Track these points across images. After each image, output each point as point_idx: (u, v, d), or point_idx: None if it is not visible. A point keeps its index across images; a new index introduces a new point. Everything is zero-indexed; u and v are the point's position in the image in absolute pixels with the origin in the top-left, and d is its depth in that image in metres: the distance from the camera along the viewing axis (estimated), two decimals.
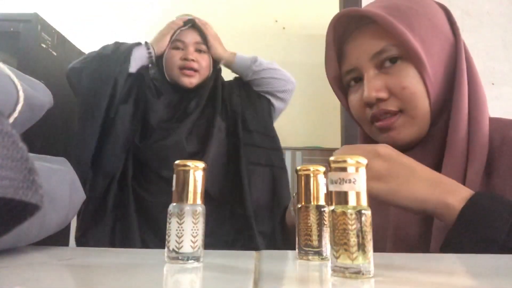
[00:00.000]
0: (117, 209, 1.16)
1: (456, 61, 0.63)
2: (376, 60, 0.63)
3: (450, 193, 0.49)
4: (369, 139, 0.70)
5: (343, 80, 0.70)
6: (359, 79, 0.66)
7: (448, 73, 0.63)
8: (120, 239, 1.13)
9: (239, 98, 1.35)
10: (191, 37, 1.34)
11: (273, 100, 1.39)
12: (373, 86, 0.62)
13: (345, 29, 0.67)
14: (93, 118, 1.21)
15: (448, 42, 0.63)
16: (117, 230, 1.15)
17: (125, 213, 1.15)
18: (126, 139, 1.21)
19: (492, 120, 0.63)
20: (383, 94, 0.61)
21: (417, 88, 0.60)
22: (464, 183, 0.56)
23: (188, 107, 1.28)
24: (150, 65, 1.37)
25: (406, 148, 0.63)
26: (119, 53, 1.26)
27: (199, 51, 1.34)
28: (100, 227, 1.14)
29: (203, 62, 1.33)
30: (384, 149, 0.52)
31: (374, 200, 0.50)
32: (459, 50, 0.63)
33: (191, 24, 1.37)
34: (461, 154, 0.58)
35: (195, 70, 1.30)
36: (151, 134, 1.22)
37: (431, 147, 0.63)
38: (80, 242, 1.16)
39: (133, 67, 1.27)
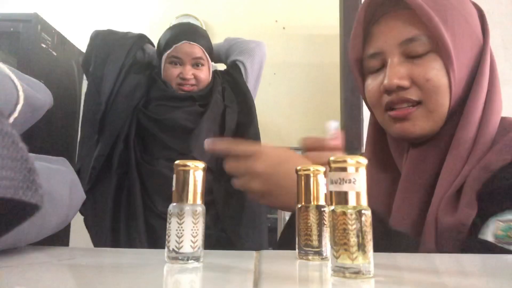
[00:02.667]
0: (121, 167, 1.26)
1: (479, 64, 0.62)
2: (405, 47, 0.61)
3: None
4: (378, 127, 0.69)
5: (365, 63, 0.68)
6: (381, 66, 0.65)
7: (470, 74, 0.62)
8: (125, 195, 1.24)
9: (226, 80, 1.43)
10: (188, 53, 1.32)
11: (241, 59, 1.45)
12: (397, 73, 0.60)
13: (377, 10, 0.65)
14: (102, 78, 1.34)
15: (477, 44, 0.62)
16: (122, 186, 1.25)
17: (128, 171, 1.25)
18: (132, 103, 1.31)
19: (502, 121, 0.62)
20: (405, 82, 0.60)
21: (441, 82, 0.59)
22: (462, 185, 0.56)
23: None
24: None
25: (414, 142, 0.63)
26: (133, 34, 1.44)
27: (197, 65, 1.33)
28: (106, 183, 1.25)
29: (202, 75, 1.34)
30: (263, 167, 0.58)
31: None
32: (485, 54, 0.62)
33: (187, 40, 1.33)
34: (464, 155, 0.58)
35: (194, 87, 1.33)
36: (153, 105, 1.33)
37: (437, 144, 0.62)
38: (87, 197, 1.22)
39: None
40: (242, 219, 1.23)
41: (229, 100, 1.37)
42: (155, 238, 1.18)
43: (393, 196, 0.65)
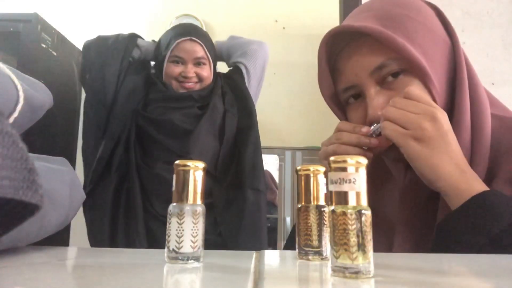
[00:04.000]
0: (120, 169, 1.26)
1: (456, 65, 0.60)
2: (377, 76, 0.60)
3: (466, 183, 0.50)
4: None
5: (341, 97, 0.67)
6: (358, 96, 0.64)
7: (450, 78, 0.61)
8: (124, 197, 1.24)
9: (227, 83, 1.43)
10: (190, 52, 1.32)
11: (243, 61, 1.44)
12: (378, 104, 0.59)
13: (337, 45, 0.64)
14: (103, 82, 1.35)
15: (446, 46, 0.61)
16: (121, 188, 1.26)
17: (127, 173, 1.26)
18: (131, 106, 1.32)
19: (502, 120, 0.60)
20: None
21: None
22: None
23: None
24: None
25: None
26: (124, 35, 1.43)
27: (198, 64, 1.34)
28: (105, 185, 1.25)
29: (204, 74, 1.34)
30: (441, 116, 0.52)
31: (405, 156, 0.53)
32: (457, 52, 0.61)
33: (190, 37, 1.34)
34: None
35: (196, 82, 1.33)
36: (152, 106, 1.33)
37: None
38: (87, 199, 1.26)
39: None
40: (241, 226, 1.21)
41: (230, 104, 1.36)
42: (154, 241, 1.18)
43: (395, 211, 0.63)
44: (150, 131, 1.28)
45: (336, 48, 0.64)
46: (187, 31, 1.35)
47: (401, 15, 0.59)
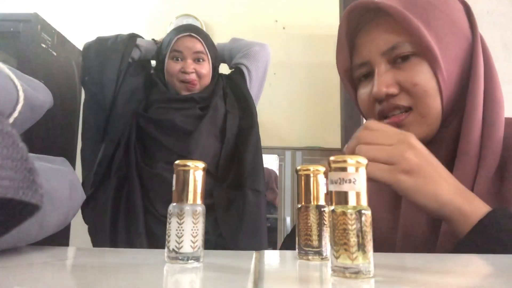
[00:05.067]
0: (121, 170, 1.27)
1: (472, 60, 0.60)
2: (388, 56, 0.61)
3: (469, 204, 0.48)
4: None
5: (354, 73, 0.67)
6: (370, 74, 0.64)
7: (464, 72, 0.60)
8: (125, 198, 1.25)
9: (229, 84, 1.43)
10: (190, 47, 1.33)
11: (245, 63, 1.44)
12: (384, 81, 0.60)
13: (358, 21, 0.65)
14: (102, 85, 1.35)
15: (466, 40, 0.61)
16: (121, 189, 1.26)
17: (128, 174, 1.26)
18: (131, 107, 1.32)
19: (509, 121, 0.60)
20: (393, 90, 0.60)
21: (429, 86, 0.58)
22: (472, 189, 0.55)
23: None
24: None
25: None
26: (123, 36, 1.42)
27: (198, 60, 1.34)
28: (106, 187, 1.26)
29: (203, 71, 1.34)
30: (414, 140, 0.51)
31: (398, 192, 0.50)
32: (476, 48, 0.60)
33: (189, 32, 1.35)
34: (473, 158, 0.57)
35: (195, 82, 1.32)
36: (153, 107, 1.33)
37: (441, 149, 0.60)
38: (89, 201, 1.27)
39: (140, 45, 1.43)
40: (242, 227, 1.21)
41: (231, 105, 1.36)
42: (155, 241, 1.18)
43: (398, 207, 0.63)
44: (151, 131, 1.28)
45: (359, 24, 0.66)
46: (187, 28, 1.37)
47: (426, 2, 0.60)
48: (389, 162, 0.50)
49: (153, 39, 1.47)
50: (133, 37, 1.43)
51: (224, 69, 1.52)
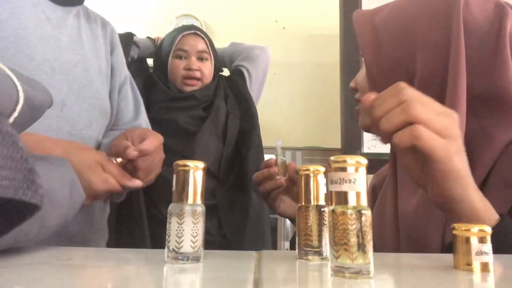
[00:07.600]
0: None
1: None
2: None
3: (484, 204, 0.46)
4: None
5: None
6: None
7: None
8: (127, 199, 1.20)
9: (229, 85, 1.43)
10: (194, 45, 1.34)
11: (245, 65, 1.45)
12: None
13: None
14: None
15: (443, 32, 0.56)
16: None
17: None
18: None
19: None
20: (352, 84, 0.67)
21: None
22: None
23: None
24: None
25: None
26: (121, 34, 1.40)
27: (201, 59, 1.34)
28: None
29: (206, 70, 1.34)
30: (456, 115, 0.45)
31: (438, 170, 0.44)
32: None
33: (194, 31, 1.36)
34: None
35: (198, 79, 1.33)
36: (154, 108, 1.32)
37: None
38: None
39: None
40: (246, 229, 1.22)
41: (232, 107, 1.37)
42: (158, 242, 1.18)
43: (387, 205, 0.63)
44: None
45: None
46: (191, 27, 1.39)
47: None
48: (443, 134, 0.43)
49: (148, 37, 1.48)
50: (129, 36, 1.45)
51: (224, 72, 1.52)
